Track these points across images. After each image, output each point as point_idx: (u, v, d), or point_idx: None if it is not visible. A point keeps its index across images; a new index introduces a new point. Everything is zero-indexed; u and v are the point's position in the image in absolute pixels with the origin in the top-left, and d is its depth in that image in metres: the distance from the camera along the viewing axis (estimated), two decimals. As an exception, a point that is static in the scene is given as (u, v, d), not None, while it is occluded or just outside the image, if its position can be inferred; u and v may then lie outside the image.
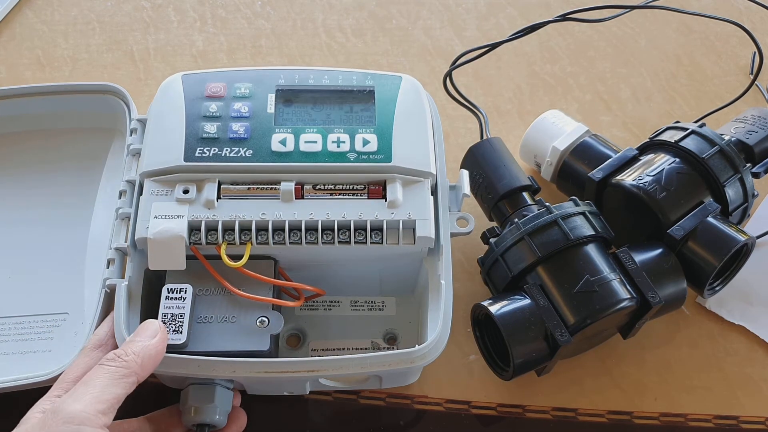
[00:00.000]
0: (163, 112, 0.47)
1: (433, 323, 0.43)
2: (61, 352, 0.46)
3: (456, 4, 0.70)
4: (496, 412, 0.48)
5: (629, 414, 0.48)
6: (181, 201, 0.44)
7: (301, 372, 0.41)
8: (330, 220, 0.43)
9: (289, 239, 0.43)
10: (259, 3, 0.70)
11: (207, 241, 0.43)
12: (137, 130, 0.50)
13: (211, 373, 0.41)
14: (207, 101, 0.47)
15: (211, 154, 0.45)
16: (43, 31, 0.67)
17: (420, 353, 0.41)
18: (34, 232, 0.52)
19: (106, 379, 0.37)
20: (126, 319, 0.42)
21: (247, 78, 0.48)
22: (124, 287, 0.43)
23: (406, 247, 0.44)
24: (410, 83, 0.49)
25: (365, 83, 0.48)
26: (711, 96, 0.64)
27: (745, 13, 0.69)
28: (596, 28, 0.68)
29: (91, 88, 0.54)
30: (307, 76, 0.48)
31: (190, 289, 0.43)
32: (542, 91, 0.64)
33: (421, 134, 0.47)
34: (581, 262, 0.45)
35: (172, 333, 0.41)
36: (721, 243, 0.46)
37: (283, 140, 0.45)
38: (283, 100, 0.48)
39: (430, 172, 0.45)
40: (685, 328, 0.51)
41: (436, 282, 0.44)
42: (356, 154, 0.45)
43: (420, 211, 0.44)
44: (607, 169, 0.50)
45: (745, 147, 0.51)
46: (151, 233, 0.42)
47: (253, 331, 0.43)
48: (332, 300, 0.49)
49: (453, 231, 0.45)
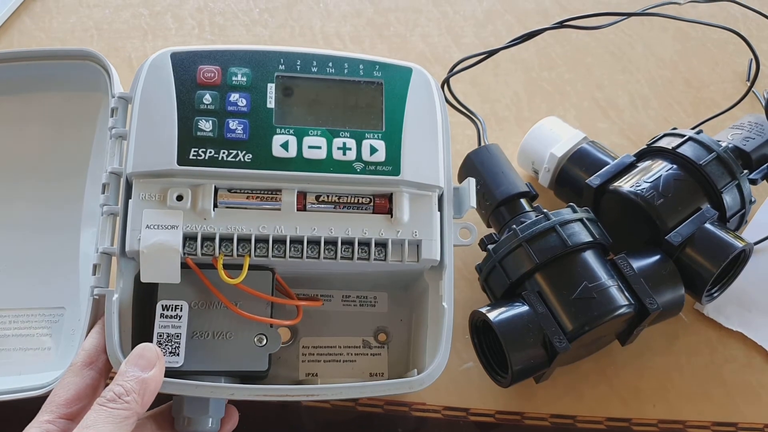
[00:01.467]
0: (151, 99, 0.43)
1: (432, 347, 0.42)
2: (60, 351, 0.46)
3: (454, 11, 0.70)
4: (494, 419, 0.48)
5: (628, 421, 0.48)
6: (175, 209, 0.41)
7: (300, 396, 0.40)
8: (333, 237, 0.41)
9: (289, 253, 0.41)
10: (257, 10, 0.70)
11: (203, 252, 0.41)
12: (118, 110, 0.45)
13: (209, 395, 0.40)
14: (200, 90, 0.43)
15: (206, 158, 0.41)
16: (41, 39, 0.67)
17: (419, 381, 0.41)
18: (24, 219, 0.51)
19: (109, 424, 0.35)
20: (119, 338, 0.40)
21: (243, 60, 0.44)
22: (116, 302, 0.40)
23: (410, 264, 0.43)
24: (421, 77, 0.45)
25: (373, 75, 0.44)
26: (708, 103, 0.64)
27: (742, 21, 0.69)
28: (593, 36, 0.68)
29: (68, 53, 0.51)
30: (309, 62, 0.44)
31: (186, 306, 0.41)
32: (540, 98, 0.64)
33: (432, 141, 0.44)
34: (579, 268, 0.45)
35: (168, 355, 0.40)
36: (719, 249, 0.46)
37: (285, 144, 0.42)
38: (284, 89, 0.44)
39: (438, 186, 0.43)
40: (684, 334, 0.51)
41: (437, 304, 0.43)
42: (363, 164, 0.42)
43: (426, 230, 0.42)
44: (605, 176, 0.50)
45: (742, 154, 0.51)
46: (144, 245, 0.40)
47: (251, 349, 0.41)
48: (324, 294, 0.48)
49: (456, 242, 0.44)
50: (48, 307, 0.48)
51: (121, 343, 0.40)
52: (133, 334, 0.41)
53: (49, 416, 0.37)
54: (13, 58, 0.52)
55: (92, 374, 0.39)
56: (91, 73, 0.50)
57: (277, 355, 0.46)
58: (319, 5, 0.70)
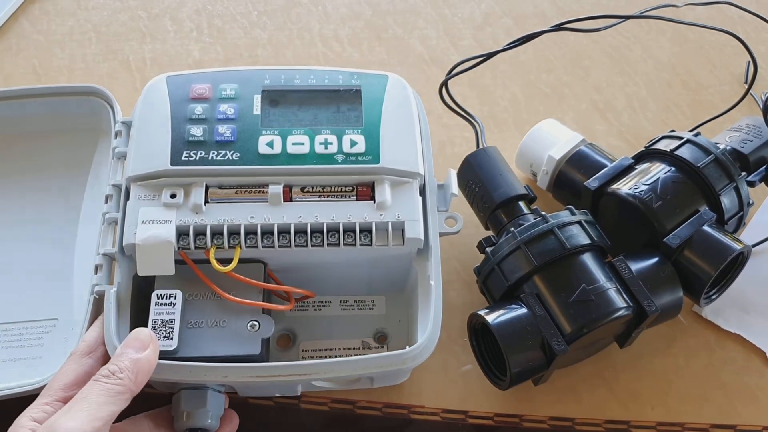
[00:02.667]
0: (148, 115, 0.47)
1: (423, 324, 0.43)
2: (51, 359, 0.46)
3: (452, 13, 0.70)
4: (493, 421, 0.48)
5: (626, 423, 0.48)
6: (169, 206, 0.44)
7: (293, 376, 0.41)
8: (319, 223, 0.43)
9: (278, 242, 0.43)
10: (255, 13, 0.70)
11: (196, 245, 0.43)
12: (122, 133, 0.49)
13: (203, 378, 0.41)
14: (192, 103, 0.47)
15: (197, 158, 0.45)
16: (39, 41, 0.67)
17: (411, 354, 0.41)
18: (21, 234, 0.52)
19: (102, 397, 0.37)
20: (116, 326, 0.42)
21: (232, 79, 0.48)
22: (113, 294, 0.43)
23: (396, 248, 0.44)
24: (396, 82, 0.49)
25: (351, 83, 0.48)
26: (706, 105, 0.64)
27: (739, 23, 0.69)
28: (591, 38, 0.68)
29: (74, 90, 0.54)
30: (292, 76, 0.48)
31: (180, 294, 0.43)
32: (538, 100, 0.64)
33: (409, 134, 0.47)
34: (577, 271, 0.45)
35: (162, 339, 0.41)
36: (717, 252, 0.46)
37: (270, 142, 0.45)
38: (270, 101, 0.47)
39: (418, 173, 0.46)
40: (682, 337, 0.51)
41: (425, 283, 0.44)
42: (344, 155, 0.45)
43: (409, 212, 0.44)
44: (603, 178, 0.50)
45: (740, 156, 0.51)
46: (139, 239, 0.42)
47: (244, 335, 0.43)
48: (322, 300, 0.49)
49: (442, 231, 0.46)
50: (40, 318, 0.48)
51: (118, 332, 0.42)
52: (131, 326, 0.43)
53: (48, 399, 0.38)
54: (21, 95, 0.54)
55: (90, 362, 0.40)
56: (95, 106, 0.54)
57: (277, 358, 0.47)
58: (318, 8, 0.71)
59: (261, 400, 0.48)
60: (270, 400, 0.48)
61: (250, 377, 0.41)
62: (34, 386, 0.43)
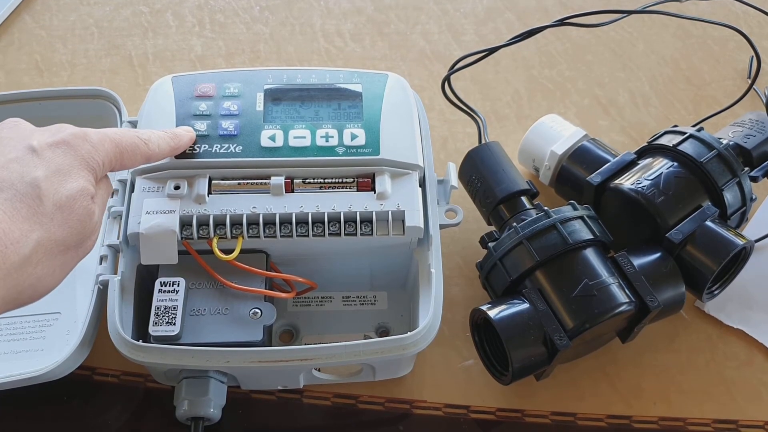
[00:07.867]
0: (154, 113, 0.48)
1: (424, 311, 0.43)
2: (53, 351, 0.46)
3: (454, 8, 0.70)
4: (495, 416, 0.48)
5: (628, 418, 0.48)
6: (173, 197, 0.44)
7: (295, 361, 0.41)
8: (320, 213, 0.44)
9: (280, 232, 0.44)
10: (257, 8, 0.70)
11: (198, 235, 0.44)
12: None
13: (205, 363, 0.41)
14: (197, 101, 0.48)
15: (201, 151, 0.46)
16: (41, 36, 0.67)
17: (412, 340, 0.42)
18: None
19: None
20: (120, 315, 0.42)
21: (236, 78, 0.49)
22: (117, 282, 0.43)
23: (396, 238, 0.44)
24: (396, 81, 0.50)
25: (352, 81, 0.49)
26: (709, 100, 0.64)
27: (743, 18, 0.69)
28: (594, 33, 0.68)
29: (82, 93, 0.54)
30: (294, 76, 0.49)
31: (183, 282, 0.43)
32: (540, 95, 0.64)
33: (408, 128, 0.47)
34: (580, 266, 0.45)
35: (165, 325, 0.42)
36: (720, 247, 0.46)
37: (273, 136, 0.46)
38: (272, 98, 0.48)
39: (417, 165, 0.46)
40: (684, 332, 0.51)
41: (426, 271, 0.45)
42: (344, 148, 0.46)
43: (408, 202, 0.45)
44: (606, 174, 0.50)
45: (743, 151, 0.51)
46: (143, 228, 0.43)
47: (246, 322, 0.43)
48: (324, 295, 0.50)
49: (442, 222, 0.46)
50: (43, 312, 0.48)
51: (122, 320, 0.42)
52: (134, 315, 0.43)
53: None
54: (28, 98, 0.54)
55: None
56: (102, 108, 0.54)
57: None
58: (320, 3, 0.70)
59: (264, 395, 0.48)
60: (272, 395, 0.48)
61: (251, 362, 0.41)
62: (37, 374, 0.42)
